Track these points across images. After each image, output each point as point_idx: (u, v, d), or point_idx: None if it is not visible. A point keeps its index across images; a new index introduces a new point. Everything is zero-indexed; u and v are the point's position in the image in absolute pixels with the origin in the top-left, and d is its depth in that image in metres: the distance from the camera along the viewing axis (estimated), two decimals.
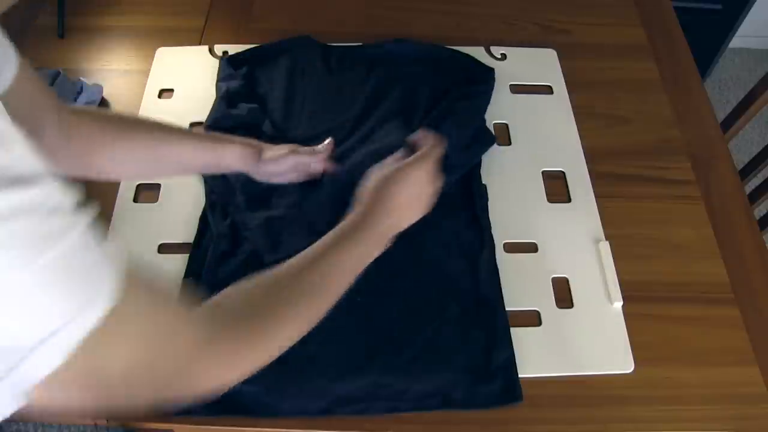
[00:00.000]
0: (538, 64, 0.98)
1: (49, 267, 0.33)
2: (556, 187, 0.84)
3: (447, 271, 0.75)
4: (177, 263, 0.75)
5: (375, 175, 0.63)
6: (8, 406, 0.34)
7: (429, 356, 0.69)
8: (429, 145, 0.66)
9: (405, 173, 0.62)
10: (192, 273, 0.74)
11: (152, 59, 0.95)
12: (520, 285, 0.75)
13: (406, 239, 0.76)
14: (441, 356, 0.69)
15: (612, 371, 0.70)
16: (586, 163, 0.86)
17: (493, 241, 0.77)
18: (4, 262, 0.31)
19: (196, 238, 0.77)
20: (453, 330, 0.71)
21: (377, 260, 0.75)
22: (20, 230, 0.32)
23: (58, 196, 0.35)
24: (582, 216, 0.81)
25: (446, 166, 0.81)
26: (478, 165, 0.84)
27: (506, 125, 0.90)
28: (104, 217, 0.78)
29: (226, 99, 0.87)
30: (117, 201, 0.80)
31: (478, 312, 0.72)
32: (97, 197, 0.80)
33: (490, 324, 0.71)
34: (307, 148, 0.77)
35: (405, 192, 0.62)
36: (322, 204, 0.77)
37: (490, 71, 0.94)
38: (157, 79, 0.93)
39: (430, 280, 0.74)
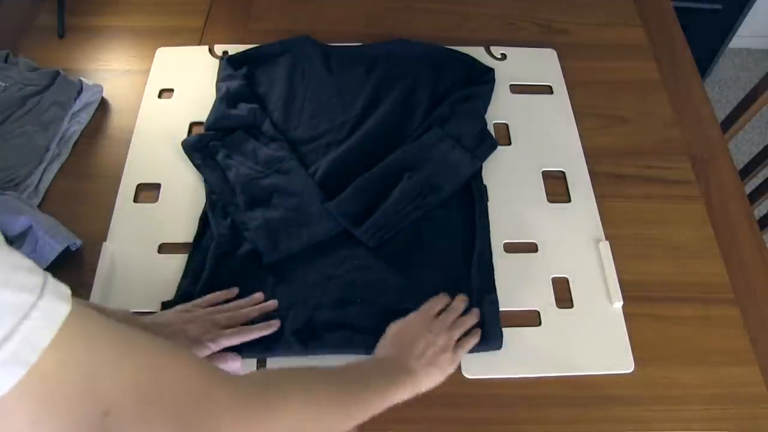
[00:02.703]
0: (538, 64, 0.98)
1: None
2: (556, 187, 0.84)
3: (445, 271, 0.75)
4: (177, 263, 0.75)
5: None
6: None
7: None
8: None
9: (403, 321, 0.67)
10: (191, 273, 0.74)
11: (152, 59, 0.95)
12: (520, 285, 0.75)
13: (404, 236, 0.77)
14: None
15: (612, 371, 0.70)
16: (586, 163, 0.87)
17: (487, 245, 0.77)
18: None
19: (195, 238, 0.77)
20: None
21: (376, 255, 0.75)
22: None
23: None
24: (582, 216, 0.81)
25: (452, 171, 0.82)
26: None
27: (506, 125, 0.90)
28: (104, 217, 0.79)
29: (226, 99, 0.87)
30: (117, 201, 0.80)
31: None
32: (98, 197, 0.81)
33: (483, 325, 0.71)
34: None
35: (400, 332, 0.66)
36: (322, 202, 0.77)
37: (490, 71, 0.94)
38: (157, 79, 0.93)
39: (427, 278, 0.74)
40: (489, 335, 0.70)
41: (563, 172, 0.86)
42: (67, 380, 0.35)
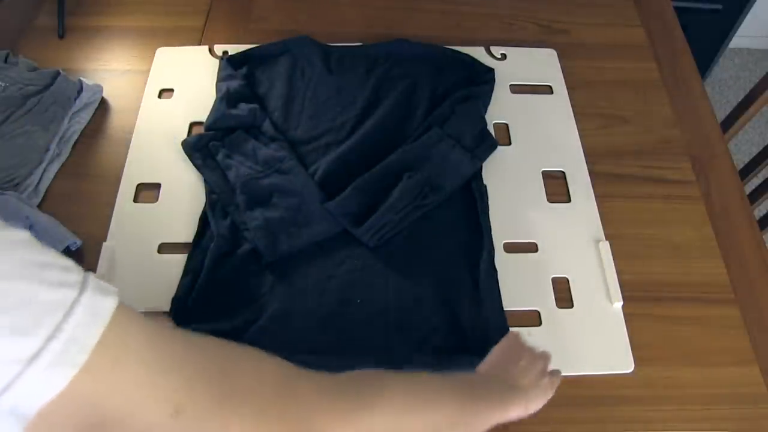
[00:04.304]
0: (538, 64, 0.98)
1: None
2: (556, 187, 0.84)
3: (444, 272, 0.75)
4: (177, 263, 0.75)
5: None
6: None
7: (422, 356, 0.69)
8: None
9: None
10: (190, 273, 0.74)
11: (152, 59, 0.95)
12: (520, 285, 0.75)
13: (404, 236, 0.77)
14: (434, 356, 0.69)
15: (612, 371, 0.70)
16: (586, 163, 0.87)
17: (492, 243, 0.77)
18: None
19: (195, 238, 0.77)
20: (447, 331, 0.71)
21: (376, 256, 0.75)
22: None
23: None
24: (582, 216, 0.81)
25: (452, 171, 0.82)
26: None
27: (506, 125, 0.90)
28: (104, 217, 0.79)
29: (226, 99, 0.87)
30: (117, 201, 0.80)
31: (475, 313, 0.72)
32: (98, 197, 0.81)
33: (487, 327, 0.71)
34: None
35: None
36: (322, 201, 0.77)
37: (490, 71, 0.94)
38: (157, 79, 0.93)
39: (427, 277, 0.74)
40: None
41: (563, 172, 0.86)
42: (125, 379, 0.33)
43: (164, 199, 0.81)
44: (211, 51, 0.97)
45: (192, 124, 0.88)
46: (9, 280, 0.30)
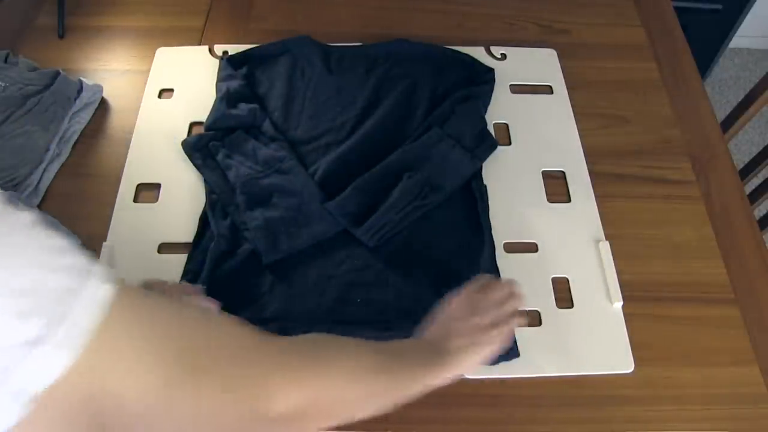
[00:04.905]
0: (538, 64, 0.98)
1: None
2: (556, 187, 0.84)
3: (446, 271, 0.75)
4: (177, 263, 0.75)
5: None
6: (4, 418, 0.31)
7: None
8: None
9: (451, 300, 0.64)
10: (190, 273, 0.74)
11: (152, 59, 0.95)
12: (520, 285, 0.75)
13: (404, 236, 0.77)
14: None
15: (612, 371, 0.70)
16: (586, 163, 0.87)
17: (493, 241, 0.77)
18: None
19: (195, 238, 0.77)
20: None
21: (375, 255, 0.75)
22: None
23: None
24: (582, 216, 0.81)
25: (452, 171, 0.82)
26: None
27: (506, 125, 0.90)
28: (104, 217, 0.79)
29: (226, 99, 0.87)
30: (117, 201, 0.80)
31: None
32: (98, 197, 0.81)
33: None
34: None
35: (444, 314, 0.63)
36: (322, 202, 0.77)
37: (490, 71, 0.94)
38: (157, 79, 0.93)
39: (427, 277, 0.74)
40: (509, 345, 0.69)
41: (563, 172, 0.86)
42: (124, 355, 0.36)
43: (164, 199, 0.81)
44: (211, 51, 0.97)
45: (192, 124, 0.88)
46: (21, 265, 0.32)
